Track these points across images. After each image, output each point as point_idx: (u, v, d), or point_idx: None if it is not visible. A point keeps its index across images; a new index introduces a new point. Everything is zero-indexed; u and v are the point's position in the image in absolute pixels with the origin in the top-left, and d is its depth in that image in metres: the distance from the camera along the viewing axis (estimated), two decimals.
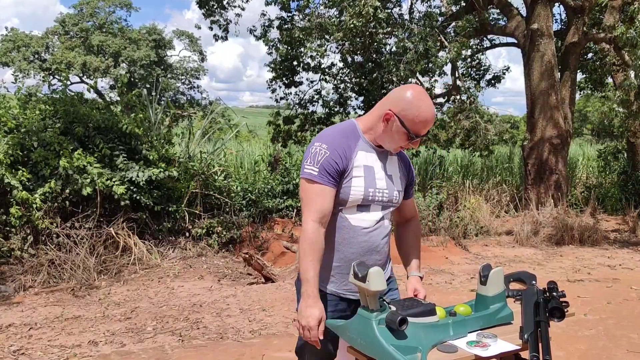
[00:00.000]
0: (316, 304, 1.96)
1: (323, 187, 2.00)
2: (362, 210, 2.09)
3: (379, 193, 2.10)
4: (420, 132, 2.03)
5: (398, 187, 2.19)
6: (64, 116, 6.75)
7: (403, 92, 2.04)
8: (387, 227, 2.18)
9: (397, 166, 2.21)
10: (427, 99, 2.04)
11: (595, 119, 32.95)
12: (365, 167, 2.08)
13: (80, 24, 30.59)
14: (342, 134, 2.10)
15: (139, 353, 4.02)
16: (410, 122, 2.00)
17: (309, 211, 2.01)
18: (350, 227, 2.08)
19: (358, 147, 2.09)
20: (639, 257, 7.74)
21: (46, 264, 5.99)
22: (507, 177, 13.22)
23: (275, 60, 12.30)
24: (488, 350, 1.75)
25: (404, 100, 2.01)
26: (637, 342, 4.29)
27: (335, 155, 2.01)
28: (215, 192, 7.82)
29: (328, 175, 2.00)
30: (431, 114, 2.02)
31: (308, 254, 1.98)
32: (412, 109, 1.99)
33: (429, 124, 2.02)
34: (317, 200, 2.00)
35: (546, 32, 9.88)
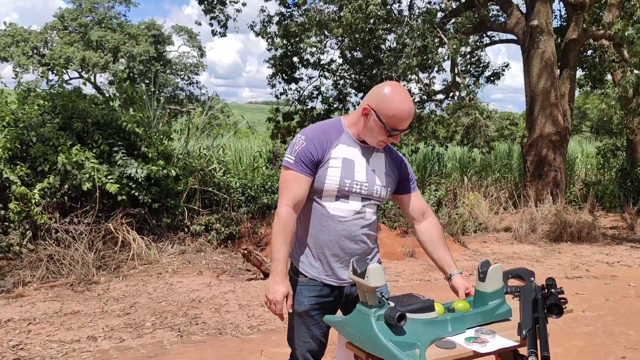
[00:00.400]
0: (283, 281, 2.12)
1: (297, 174, 2.13)
2: (341, 200, 2.17)
3: (356, 185, 2.17)
4: (397, 126, 2.10)
5: (381, 182, 2.23)
6: (62, 111, 6.74)
7: (381, 88, 2.14)
8: (368, 219, 2.23)
9: (383, 162, 2.26)
10: (404, 94, 2.11)
11: (595, 116, 33.00)
12: (345, 159, 2.17)
13: (79, 19, 30.49)
14: (324, 128, 2.23)
15: (137, 348, 4.03)
16: (386, 117, 2.08)
17: (283, 196, 2.15)
18: (328, 215, 2.18)
19: (340, 140, 2.19)
20: (637, 254, 7.75)
21: (45, 259, 5.99)
22: (505, 174, 13.23)
23: (274, 57, 12.29)
24: (486, 347, 1.76)
25: (380, 96, 2.11)
26: (635, 338, 4.30)
27: (310, 146, 2.14)
28: (214, 188, 7.82)
29: (303, 163, 2.13)
30: (406, 108, 2.09)
31: (280, 235, 2.12)
32: (387, 104, 2.08)
33: (404, 119, 2.09)
34: (292, 187, 2.14)
35: (546, 28, 9.87)
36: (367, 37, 10.93)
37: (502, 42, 12.95)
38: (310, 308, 2.23)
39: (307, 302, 2.23)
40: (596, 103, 29.49)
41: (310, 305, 2.23)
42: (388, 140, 2.17)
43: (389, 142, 2.20)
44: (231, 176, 8.79)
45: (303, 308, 2.24)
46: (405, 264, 6.88)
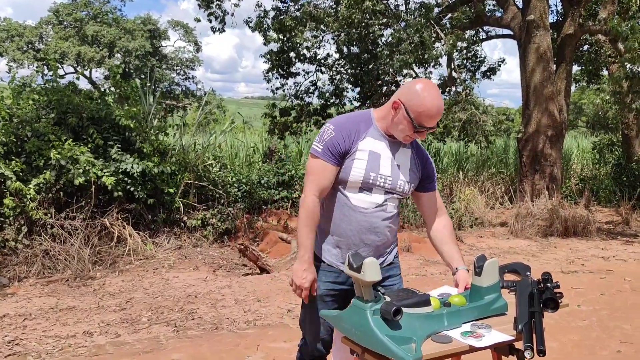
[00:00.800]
0: (310, 268, 2.19)
1: (324, 163, 2.18)
2: (364, 192, 2.21)
3: (380, 178, 2.20)
4: (424, 123, 2.12)
5: (405, 177, 2.26)
6: (57, 106, 6.71)
7: (413, 83, 2.16)
8: (390, 212, 2.27)
9: (409, 158, 2.29)
10: (435, 92, 2.13)
11: (590, 111, 33.05)
12: (371, 152, 2.20)
13: (74, 13, 30.33)
14: (353, 119, 2.26)
15: (133, 343, 4.02)
16: (414, 112, 2.11)
17: (310, 183, 2.20)
18: (350, 205, 2.22)
19: (368, 133, 2.22)
20: (632, 248, 7.78)
21: (40, 255, 5.97)
22: (501, 169, 13.24)
23: (271, 51, 12.24)
24: (482, 341, 1.76)
25: (411, 91, 2.13)
26: (630, 332, 4.32)
27: (339, 137, 2.17)
28: (210, 183, 7.80)
29: (330, 153, 2.17)
30: (435, 106, 2.11)
31: (306, 223, 2.18)
32: (416, 100, 2.10)
33: (433, 116, 2.11)
34: (319, 175, 2.19)
35: (542, 23, 9.86)
36: (363, 32, 10.90)
37: (498, 37, 12.94)
38: (325, 293, 2.29)
39: (323, 286, 2.29)
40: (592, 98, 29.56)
41: (325, 290, 2.29)
42: (414, 136, 2.20)
43: (415, 138, 2.23)
44: (227, 171, 8.78)
45: (318, 292, 2.29)
46: (402, 259, 6.83)
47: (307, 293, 2.19)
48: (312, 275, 2.19)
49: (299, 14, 10.88)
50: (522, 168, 10.34)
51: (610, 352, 3.94)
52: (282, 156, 9.45)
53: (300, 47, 12.11)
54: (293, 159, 9.71)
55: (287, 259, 6.39)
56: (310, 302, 2.30)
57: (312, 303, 2.29)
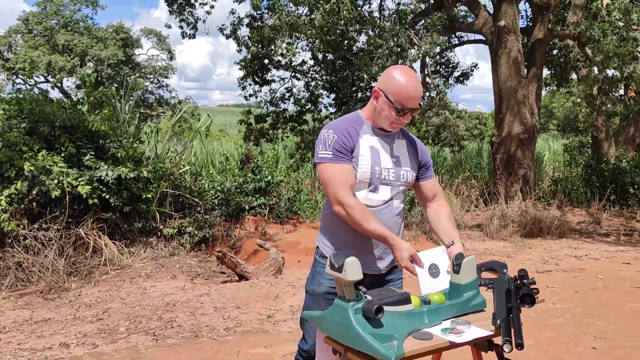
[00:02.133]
0: (400, 246, 2.18)
1: (342, 166, 2.20)
2: (371, 191, 2.24)
3: (385, 171, 2.25)
4: (405, 104, 2.16)
5: (406, 166, 2.31)
6: (29, 116, 6.59)
7: (389, 70, 2.24)
8: (397, 207, 2.32)
9: (405, 148, 2.35)
10: (411, 73, 2.20)
11: (561, 114, 33.73)
12: (371, 147, 2.25)
13: (44, 22, 29.87)
14: (346, 121, 2.30)
15: (112, 354, 3.97)
16: (393, 95, 2.16)
17: (340, 189, 2.17)
18: None
19: (363, 131, 2.27)
20: (603, 247, 7.95)
21: (13, 267, 5.85)
22: (476, 173, 13.43)
23: (245, 59, 12.22)
24: (462, 337, 1.79)
25: (387, 76, 2.21)
26: (603, 328, 4.42)
27: (342, 136, 2.21)
28: (186, 191, 7.75)
29: (341, 154, 2.20)
30: (412, 85, 2.16)
31: (365, 218, 2.15)
32: (394, 82, 2.17)
33: (412, 96, 2.16)
34: (341, 178, 2.18)
35: (513, 29, 10.07)
36: (338, 39, 10.96)
37: (470, 43, 13.16)
38: (328, 291, 2.28)
39: (327, 284, 2.30)
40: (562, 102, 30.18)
41: (329, 288, 2.28)
42: (400, 121, 2.22)
43: (402, 123, 2.25)
44: (203, 179, 8.73)
45: (322, 289, 2.31)
46: None
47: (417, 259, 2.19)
48: (407, 245, 2.18)
49: (276, 22, 10.88)
50: (495, 171, 10.51)
51: (585, 348, 4.02)
52: (259, 163, 9.43)
53: (275, 54, 12.12)
54: (269, 166, 9.70)
55: (266, 265, 6.38)
56: (312, 299, 2.32)
57: (314, 300, 2.31)
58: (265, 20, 11.60)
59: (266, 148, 12.68)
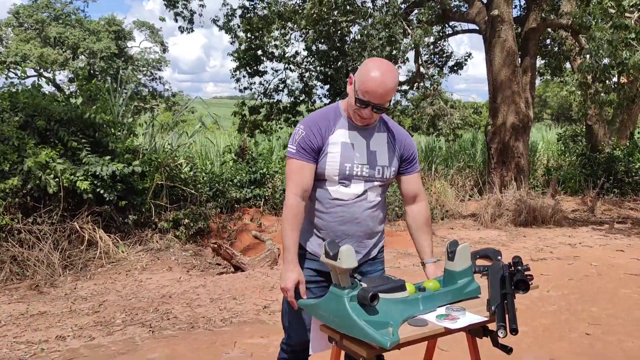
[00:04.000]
0: (294, 268, 2.17)
1: (301, 163, 2.20)
2: (343, 185, 2.22)
3: (357, 168, 2.21)
4: (365, 95, 2.09)
5: (383, 162, 2.26)
6: (22, 109, 6.55)
7: (367, 60, 2.18)
8: (371, 201, 2.27)
9: (385, 141, 2.29)
10: (385, 68, 2.09)
11: (555, 103, 33.81)
12: (343, 143, 2.21)
13: (35, 15, 29.61)
14: (322, 115, 2.27)
15: (108, 345, 3.98)
16: (358, 82, 2.11)
17: (290, 185, 2.21)
18: (330, 198, 2.24)
19: (338, 125, 2.24)
20: (597, 235, 8.00)
21: (8, 261, 5.83)
22: (470, 163, 13.46)
23: (238, 50, 12.18)
24: (457, 323, 1.80)
25: (363, 65, 2.16)
26: (597, 314, 4.46)
27: (309, 134, 2.20)
28: (181, 183, 7.73)
29: (304, 151, 2.20)
30: (380, 79, 2.06)
31: (289, 224, 2.19)
32: (364, 71, 2.11)
33: (374, 90, 2.07)
34: (297, 175, 2.20)
35: (506, 18, 10.05)
36: (331, 29, 10.94)
37: (464, 32, 13.15)
38: (307, 280, 2.26)
39: (306, 273, 2.27)
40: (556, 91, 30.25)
41: (308, 277, 2.27)
42: (361, 113, 2.15)
43: (363, 117, 2.17)
44: (198, 171, 8.71)
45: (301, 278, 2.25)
46: None
47: (291, 294, 2.15)
48: (296, 274, 2.16)
49: (267, 13, 10.84)
50: (490, 160, 10.53)
51: (579, 334, 4.05)
52: (254, 154, 9.42)
53: (269, 45, 12.09)
54: (265, 157, 9.69)
55: (262, 256, 6.39)
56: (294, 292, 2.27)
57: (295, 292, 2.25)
58: (257, 11, 11.56)
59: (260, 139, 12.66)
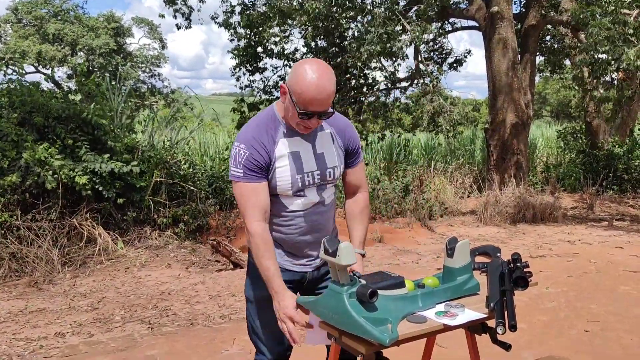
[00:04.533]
0: (285, 295, 2.00)
1: (251, 185, 2.02)
2: (298, 196, 2.10)
3: (308, 177, 2.08)
4: (307, 107, 1.91)
5: (332, 163, 2.14)
6: (20, 106, 6.54)
7: (298, 64, 1.96)
8: (327, 204, 2.18)
9: (330, 140, 2.15)
10: (320, 70, 1.91)
11: (554, 100, 33.80)
12: (290, 154, 2.06)
13: (34, 11, 29.55)
14: (260, 127, 2.06)
15: (107, 342, 3.98)
16: (295, 95, 1.91)
17: (248, 213, 2.02)
18: (288, 211, 2.11)
19: (279, 135, 2.06)
20: (596, 232, 8.01)
21: (7, 258, 5.83)
22: (469, 160, 13.45)
23: (238, 47, 12.17)
24: (456, 320, 1.80)
25: (294, 72, 1.95)
26: (596, 311, 4.46)
27: (253, 152, 2.01)
28: (180, 180, 7.72)
29: (253, 172, 2.01)
30: (314, 85, 1.88)
31: (263, 253, 2.01)
32: (297, 80, 1.91)
33: (314, 98, 1.89)
34: (252, 200, 2.02)
35: (506, 15, 10.04)
36: (330, 26, 10.92)
37: (464, 29, 13.11)
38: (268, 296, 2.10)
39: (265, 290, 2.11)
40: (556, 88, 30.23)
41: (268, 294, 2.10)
42: (306, 124, 1.99)
43: (310, 127, 2.02)
44: (197, 168, 8.70)
45: (265, 293, 2.11)
46: (375, 249, 6.94)
47: (298, 318, 1.97)
48: (291, 299, 1.99)
49: (266, 9, 10.82)
50: (489, 158, 10.53)
51: (578, 331, 4.06)
52: None
53: (268, 42, 12.07)
54: None
55: None
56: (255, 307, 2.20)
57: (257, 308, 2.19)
58: (257, 8, 11.54)
59: None
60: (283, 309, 1.98)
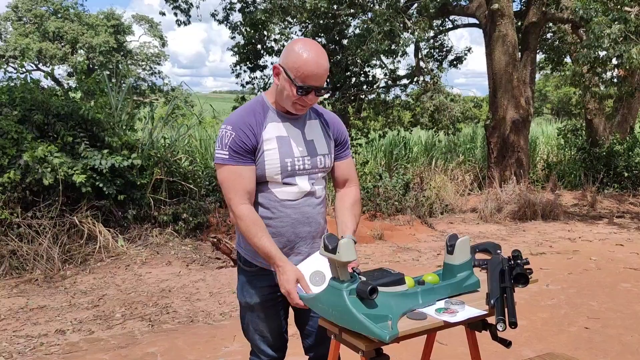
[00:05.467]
0: (285, 269, 1.96)
1: (237, 168, 2.00)
2: (288, 183, 2.06)
3: (298, 161, 2.06)
4: (306, 80, 1.93)
5: (322, 150, 2.13)
6: (20, 104, 6.54)
7: (290, 44, 2.01)
8: (319, 196, 2.14)
9: (319, 129, 2.15)
10: (314, 47, 1.96)
11: (555, 98, 33.77)
12: (279, 137, 2.04)
13: (34, 9, 29.53)
14: (248, 111, 2.06)
15: (108, 339, 3.98)
16: (293, 70, 1.94)
17: (234, 195, 2.00)
18: (277, 201, 2.06)
19: (267, 119, 2.05)
20: (597, 229, 8.01)
21: (7, 255, 5.83)
22: (470, 157, 13.44)
23: (238, 44, 12.15)
24: (456, 316, 1.80)
25: (288, 51, 1.98)
26: (596, 308, 4.46)
27: (241, 134, 2.00)
28: (181, 178, 7.72)
29: (239, 155, 1.99)
30: (315, 60, 1.93)
31: (255, 232, 1.98)
32: (294, 56, 1.94)
33: (313, 72, 1.93)
34: (237, 182, 2.00)
35: (506, 12, 10.02)
36: (330, 23, 10.90)
37: (464, 27, 13.08)
38: (264, 299, 2.14)
39: (259, 292, 2.14)
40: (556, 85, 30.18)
41: (263, 297, 2.14)
42: (303, 101, 1.99)
43: (306, 104, 2.02)
44: (197, 165, 8.70)
45: (255, 300, 2.14)
46: (375, 247, 6.95)
47: (295, 295, 1.95)
48: (292, 272, 1.96)
49: (268, 6, 10.79)
50: (490, 155, 10.53)
51: (578, 328, 4.06)
52: None
53: (268, 39, 12.05)
54: None
55: None
56: (248, 314, 2.19)
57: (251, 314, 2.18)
58: (257, 5, 11.52)
59: None
60: (283, 284, 1.96)
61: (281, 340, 2.25)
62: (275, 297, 2.13)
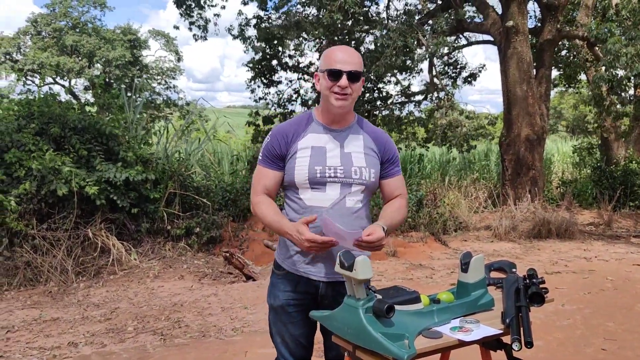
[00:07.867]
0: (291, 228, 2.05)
1: (264, 169, 2.21)
2: (317, 190, 2.13)
3: (329, 170, 2.12)
4: (334, 65, 2.08)
5: (359, 163, 2.16)
6: (38, 117, 6.64)
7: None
8: (350, 207, 2.14)
9: (361, 143, 2.21)
10: (342, 46, 2.22)
11: (570, 115, 33.57)
12: (314, 147, 2.16)
13: (53, 23, 30.05)
14: (292, 122, 2.25)
15: (120, 353, 3.98)
16: (323, 64, 2.14)
17: (255, 188, 2.23)
18: (305, 207, 2.14)
19: (308, 130, 2.19)
20: (613, 249, 7.89)
21: (22, 267, 5.88)
22: (484, 174, 13.37)
23: (253, 60, 12.26)
24: (471, 335, 1.78)
25: (322, 56, 2.20)
26: (613, 329, 4.38)
27: (274, 141, 2.18)
28: (194, 192, 7.76)
29: (267, 159, 2.20)
30: (342, 49, 2.14)
31: (267, 213, 2.16)
32: (325, 53, 2.17)
33: (342, 58, 2.09)
34: (260, 180, 2.21)
35: (521, 29, 10.02)
36: (345, 39, 10.97)
37: (479, 43, 13.11)
38: (286, 303, 2.20)
39: (283, 296, 2.21)
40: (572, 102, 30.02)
41: (286, 300, 2.20)
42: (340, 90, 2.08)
43: (342, 91, 2.08)
44: (211, 180, 8.74)
45: (278, 302, 2.22)
46: (388, 264, 6.90)
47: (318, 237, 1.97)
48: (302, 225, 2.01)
49: (283, 22, 10.89)
50: (504, 172, 10.46)
51: (595, 349, 3.99)
52: None
53: (283, 55, 12.16)
54: None
55: None
56: (272, 315, 2.26)
57: (274, 316, 2.25)
58: (272, 21, 11.63)
59: None
60: (300, 237, 2.01)
61: (301, 350, 2.25)
62: (297, 303, 2.20)
